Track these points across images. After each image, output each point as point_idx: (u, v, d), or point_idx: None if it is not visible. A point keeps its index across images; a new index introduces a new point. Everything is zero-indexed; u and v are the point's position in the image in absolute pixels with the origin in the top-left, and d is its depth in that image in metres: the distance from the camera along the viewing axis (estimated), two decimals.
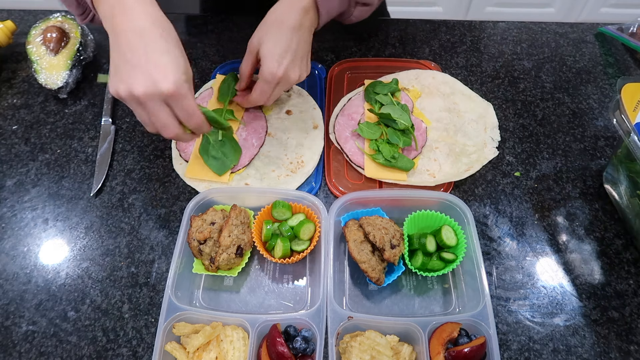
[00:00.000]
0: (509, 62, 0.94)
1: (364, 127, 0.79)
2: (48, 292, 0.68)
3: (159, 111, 0.58)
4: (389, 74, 0.89)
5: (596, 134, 0.83)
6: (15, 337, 0.64)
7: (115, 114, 0.87)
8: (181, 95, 0.57)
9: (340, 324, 0.60)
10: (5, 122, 0.86)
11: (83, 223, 0.74)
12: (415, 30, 1.00)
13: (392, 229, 0.65)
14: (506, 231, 0.73)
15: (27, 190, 0.78)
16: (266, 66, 0.70)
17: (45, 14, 0.97)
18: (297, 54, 0.71)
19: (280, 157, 0.79)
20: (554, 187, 0.77)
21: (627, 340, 0.63)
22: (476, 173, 0.77)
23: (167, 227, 0.73)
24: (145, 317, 0.65)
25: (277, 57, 0.70)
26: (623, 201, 0.71)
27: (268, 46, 0.70)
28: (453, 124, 0.82)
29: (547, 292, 0.67)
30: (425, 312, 0.65)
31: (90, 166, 0.80)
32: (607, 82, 0.91)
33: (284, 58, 0.70)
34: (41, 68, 0.87)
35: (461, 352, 0.57)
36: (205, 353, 0.59)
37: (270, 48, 0.70)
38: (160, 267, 0.70)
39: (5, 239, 0.73)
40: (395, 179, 0.76)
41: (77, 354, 0.63)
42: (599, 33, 0.99)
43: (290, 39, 0.70)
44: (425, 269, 0.66)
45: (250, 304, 0.67)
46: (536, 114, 0.86)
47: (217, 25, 1.01)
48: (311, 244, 0.67)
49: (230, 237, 0.64)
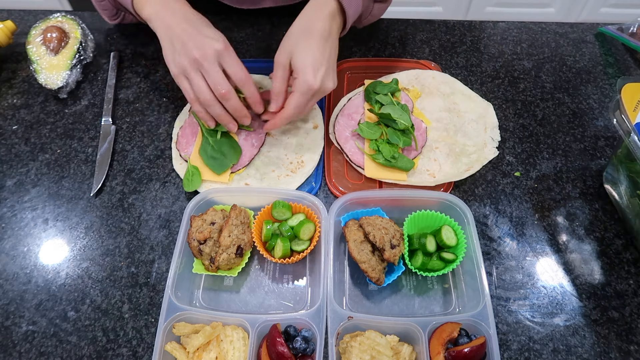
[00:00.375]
0: (509, 62, 0.94)
1: (364, 127, 0.79)
2: (48, 292, 0.68)
3: (213, 70, 0.67)
4: (389, 74, 0.89)
5: (596, 134, 0.83)
6: (15, 337, 0.64)
7: (115, 114, 0.87)
8: (230, 51, 0.68)
9: (340, 324, 0.60)
10: (5, 122, 0.86)
11: (83, 223, 0.74)
12: (415, 30, 1.00)
13: (392, 229, 0.65)
14: (506, 231, 0.73)
15: (27, 190, 0.78)
16: (303, 79, 0.68)
17: (45, 14, 0.97)
18: (330, 62, 0.70)
19: (280, 157, 0.79)
20: (554, 187, 0.77)
21: (627, 340, 0.63)
22: (476, 173, 0.77)
23: (167, 227, 0.73)
24: (145, 317, 0.65)
25: (313, 68, 0.68)
26: (623, 201, 0.71)
27: (301, 57, 0.68)
28: (453, 124, 0.83)
29: (547, 292, 0.67)
30: (425, 312, 0.65)
31: (90, 166, 0.80)
32: (607, 82, 0.91)
33: (320, 68, 0.68)
34: (41, 68, 0.87)
35: (461, 352, 0.57)
36: (205, 353, 0.59)
37: (304, 59, 0.68)
38: (160, 267, 0.70)
39: (5, 239, 0.73)
40: (395, 179, 0.76)
41: (77, 354, 0.63)
42: (599, 33, 0.99)
43: (324, 47, 0.69)
44: (425, 269, 0.66)
45: (250, 304, 0.67)
46: (536, 114, 0.86)
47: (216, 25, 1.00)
48: (311, 244, 0.67)
49: (230, 237, 0.64)
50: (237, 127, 0.75)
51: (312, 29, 0.69)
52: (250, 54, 0.96)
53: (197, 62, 0.67)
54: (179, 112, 0.86)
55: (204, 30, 0.69)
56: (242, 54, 0.96)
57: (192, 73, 0.68)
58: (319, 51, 0.68)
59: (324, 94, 0.72)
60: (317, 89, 0.69)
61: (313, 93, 0.69)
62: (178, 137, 0.81)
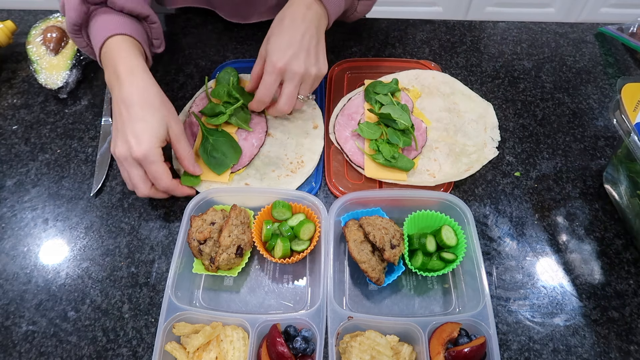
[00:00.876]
0: (509, 62, 0.94)
1: (364, 127, 0.79)
2: (48, 292, 0.68)
3: (132, 172, 0.67)
4: (389, 74, 0.89)
5: (596, 134, 0.83)
6: (15, 337, 0.64)
7: None
8: (150, 160, 0.66)
9: (340, 324, 0.60)
10: (5, 122, 0.86)
11: (83, 223, 0.74)
12: (415, 30, 1.00)
13: (392, 229, 0.65)
14: (506, 231, 0.73)
15: (27, 190, 0.78)
16: (269, 59, 0.71)
17: (45, 14, 0.97)
18: (302, 46, 0.71)
19: (280, 157, 0.79)
20: (554, 187, 0.77)
21: (627, 340, 0.63)
22: (476, 173, 0.77)
23: (167, 227, 0.73)
24: (145, 317, 0.65)
25: (279, 50, 0.70)
26: (623, 201, 0.71)
27: (271, 42, 0.72)
28: (453, 124, 0.82)
29: (547, 292, 0.67)
30: (425, 312, 0.65)
31: (90, 166, 0.80)
32: (607, 82, 0.91)
33: (287, 50, 0.70)
34: (41, 68, 0.87)
35: (461, 352, 0.57)
36: (205, 353, 0.59)
37: (272, 43, 0.72)
38: (160, 267, 0.70)
39: (5, 239, 0.73)
40: (395, 179, 0.76)
41: (77, 354, 0.63)
42: (599, 33, 0.99)
43: (294, 31, 0.71)
44: (425, 269, 0.66)
45: (250, 304, 0.67)
46: (536, 114, 0.86)
47: (216, 25, 1.01)
48: (311, 244, 0.67)
49: (230, 237, 0.64)
50: None
51: (283, 17, 0.73)
52: (250, 53, 0.96)
53: (119, 160, 0.67)
54: (179, 112, 0.86)
55: (134, 125, 0.65)
56: (242, 53, 0.96)
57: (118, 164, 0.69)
58: (288, 35, 0.71)
59: (295, 77, 0.72)
60: (281, 67, 0.70)
61: (278, 72, 0.71)
62: None
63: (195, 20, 1.02)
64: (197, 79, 0.92)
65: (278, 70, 0.71)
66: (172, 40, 0.98)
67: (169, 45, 0.97)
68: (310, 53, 0.72)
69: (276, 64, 0.70)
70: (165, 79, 0.92)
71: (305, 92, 0.75)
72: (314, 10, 0.73)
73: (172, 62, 0.95)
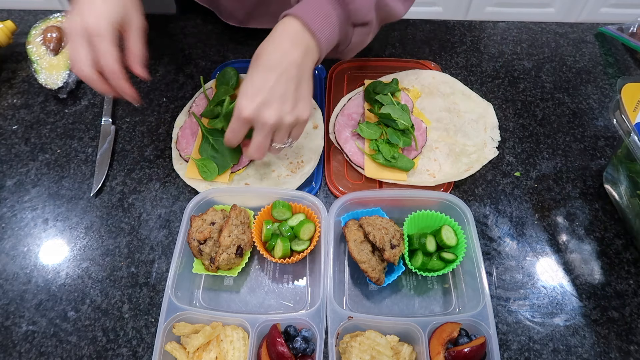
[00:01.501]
0: (509, 62, 0.94)
1: (364, 127, 0.79)
2: (48, 292, 0.68)
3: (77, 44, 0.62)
4: (389, 74, 0.89)
5: (596, 134, 0.83)
6: (15, 337, 0.64)
7: (115, 114, 0.87)
8: (96, 33, 0.61)
9: (340, 324, 0.60)
10: (5, 122, 0.86)
11: (83, 223, 0.74)
12: (415, 30, 1.00)
13: (392, 229, 0.65)
14: (506, 231, 0.73)
15: (27, 190, 0.78)
16: (236, 102, 0.63)
17: (45, 14, 0.97)
18: (275, 92, 0.62)
19: (280, 157, 0.79)
20: (554, 187, 0.77)
21: (627, 340, 0.63)
22: (476, 173, 0.77)
23: (167, 227, 0.73)
24: (145, 317, 0.65)
25: (246, 95, 0.62)
26: (623, 201, 0.71)
27: (243, 84, 0.64)
28: (453, 124, 0.82)
29: (547, 292, 0.67)
30: (425, 312, 0.65)
31: (90, 166, 0.80)
32: (607, 82, 0.91)
33: (256, 97, 0.62)
34: (41, 68, 0.87)
35: (461, 352, 0.57)
36: (205, 353, 0.59)
37: (243, 85, 0.64)
38: (160, 267, 0.70)
39: (5, 239, 0.73)
40: (395, 179, 0.76)
41: (77, 354, 0.63)
42: (599, 33, 0.99)
43: (267, 73, 0.62)
44: (425, 269, 0.66)
45: (250, 304, 0.67)
46: (536, 114, 0.86)
47: (216, 25, 1.01)
48: (311, 244, 0.67)
49: (230, 237, 0.64)
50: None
51: (260, 53, 0.65)
52: (250, 54, 0.95)
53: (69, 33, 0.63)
54: (179, 112, 0.86)
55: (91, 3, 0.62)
56: (242, 53, 0.96)
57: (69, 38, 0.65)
58: (260, 77, 0.63)
59: (267, 127, 0.63)
60: (246, 117, 0.62)
61: (244, 121, 0.63)
62: (178, 137, 0.81)
63: (195, 20, 1.02)
64: (197, 79, 0.92)
65: (243, 119, 0.63)
66: (172, 40, 0.98)
67: (169, 45, 0.97)
68: (286, 99, 0.63)
69: (242, 112, 0.62)
70: (165, 79, 0.92)
71: (281, 141, 0.67)
72: (300, 44, 0.64)
73: (172, 62, 0.95)
